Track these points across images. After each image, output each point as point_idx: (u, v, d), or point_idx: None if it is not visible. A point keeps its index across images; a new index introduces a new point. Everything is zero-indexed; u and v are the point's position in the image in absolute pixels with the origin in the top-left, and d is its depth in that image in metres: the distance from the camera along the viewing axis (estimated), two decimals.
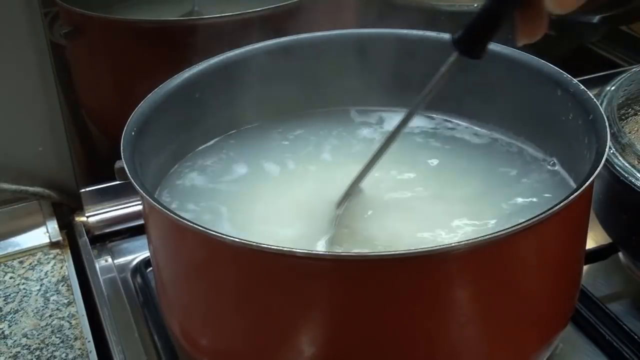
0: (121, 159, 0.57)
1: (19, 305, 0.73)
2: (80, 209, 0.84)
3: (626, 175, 0.66)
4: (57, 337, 0.69)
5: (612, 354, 0.66)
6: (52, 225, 0.82)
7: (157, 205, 0.53)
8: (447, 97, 0.73)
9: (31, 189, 0.83)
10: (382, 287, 0.50)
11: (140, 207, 0.71)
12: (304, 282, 0.51)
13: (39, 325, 0.71)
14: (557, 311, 0.59)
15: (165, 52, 0.83)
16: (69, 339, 0.69)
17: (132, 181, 0.55)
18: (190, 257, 0.56)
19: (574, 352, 0.67)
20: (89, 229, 0.83)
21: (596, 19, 1.01)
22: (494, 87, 0.69)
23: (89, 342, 0.68)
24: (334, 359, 0.53)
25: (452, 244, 0.48)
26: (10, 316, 0.72)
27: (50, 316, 0.72)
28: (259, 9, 0.83)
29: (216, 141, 0.72)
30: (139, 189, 0.54)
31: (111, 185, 0.84)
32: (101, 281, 0.76)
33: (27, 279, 0.76)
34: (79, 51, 0.90)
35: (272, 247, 0.48)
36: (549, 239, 0.54)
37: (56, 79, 0.80)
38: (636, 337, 0.66)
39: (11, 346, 0.69)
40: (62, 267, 0.78)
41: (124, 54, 0.87)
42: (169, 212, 0.52)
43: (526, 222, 0.49)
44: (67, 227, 0.83)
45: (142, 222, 0.64)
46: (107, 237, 0.83)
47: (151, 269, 0.74)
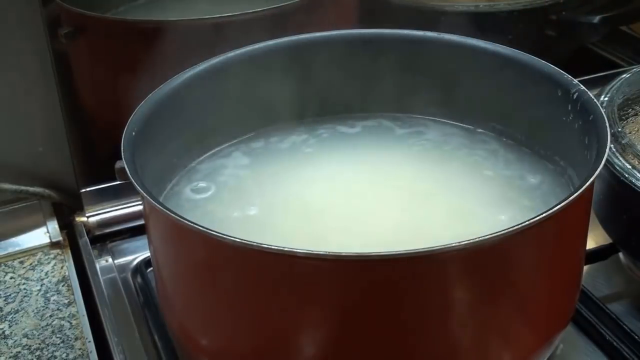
0: (121, 159, 0.57)
1: (20, 305, 0.73)
2: (80, 209, 0.84)
3: (626, 175, 0.66)
4: (57, 337, 0.69)
5: (613, 354, 0.66)
6: (53, 225, 0.82)
7: (157, 205, 0.53)
8: (447, 98, 0.73)
9: (31, 189, 0.83)
10: (382, 287, 0.50)
11: (140, 207, 0.71)
12: (304, 282, 0.51)
13: (40, 325, 0.71)
14: (557, 311, 0.59)
15: (165, 52, 0.83)
16: (70, 339, 0.69)
17: (133, 181, 0.55)
18: (190, 257, 0.56)
19: (574, 352, 0.67)
20: (89, 229, 0.83)
21: (596, 19, 1.01)
22: (494, 88, 0.69)
23: (90, 342, 0.68)
24: (333, 359, 0.54)
25: (452, 244, 0.48)
26: (10, 316, 0.72)
27: (50, 316, 0.72)
28: (259, 9, 0.83)
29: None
30: (140, 189, 0.54)
31: (111, 185, 0.84)
32: (101, 281, 0.76)
33: (27, 279, 0.76)
34: (79, 51, 0.90)
35: (272, 247, 0.48)
36: (549, 239, 0.54)
37: (56, 79, 0.80)
38: (636, 337, 0.66)
39: (12, 346, 0.69)
40: (62, 267, 0.78)
41: (124, 54, 0.87)
42: (169, 212, 0.52)
43: (526, 222, 0.49)
44: (68, 227, 0.83)
45: (142, 222, 0.64)
46: (107, 237, 0.83)
47: (151, 269, 0.74)
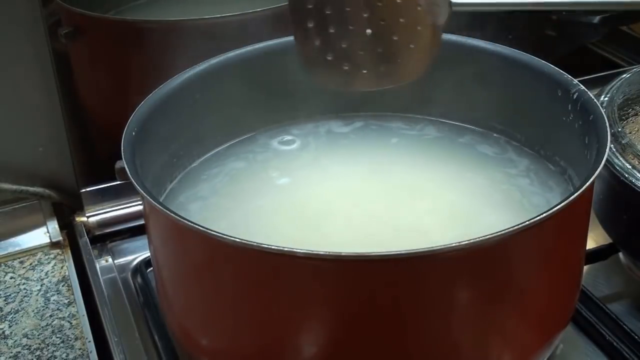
0: (121, 159, 0.57)
1: (20, 305, 0.73)
2: (80, 209, 0.84)
3: (626, 175, 0.66)
4: (57, 337, 0.69)
5: (613, 354, 0.66)
6: (53, 225, 0.82)
7: (157, 205, 0.53)
8: (446, 97, 0.73)
9: (31, 189, 0.83)
10: (382, 287, 0.50)
11: (140, 207, 0.71)
12: (304, 282, 0.51)
13: (40, 325, 0.71)
14: (557, 311, 0.59)
15: (165, 52, 0.83)
16: (70, 339, 0.69)
17: (133, 181, 0.55)
18: (190, 257, 0.56)
19: (574, 352, 0.67)
20: (89, 229, 0.83)
21: (596, 19, 1.01)
22: (494, 88, 0.69)
23: (90, 342, 0.68)
24: (334, 359, 0.54)
25: (452, 244, 0.48)
26: (10, 316, 0.72)
27: (50, 316, 0.72)
28: (259, 9, 0.83)
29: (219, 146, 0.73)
30: (140, 189, 0.54)
31: (111, 185, 0.84)
32: (101, 281, 0.76)
33: (27, 279, 0.76)
34: (79, 51, 0.90)
35: (272, 247, 0.48)
36: (549, 239, 0.54)
37: (56, 79, 0.80)
38: (636, 337, 0.66)
39: (12, 346, 0.69)
40: (62, 267, 0.78)
41: (124, 54, 0.87)
42: (169, 212, 0.52)
43: (526, 222, 0.49)
44: (68, 227, 0.83)
45: (142, 222, 0.64)
46: (107, 237, 0.83)
47: (151, 269, 0.74)
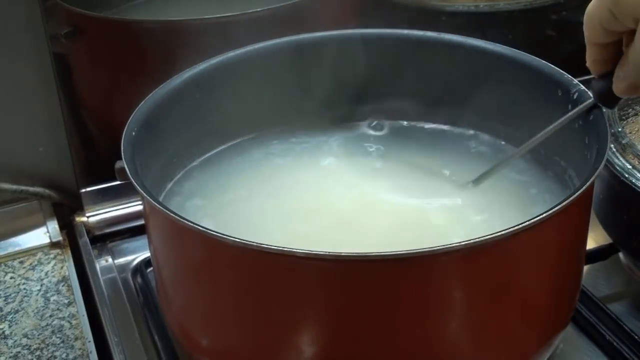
0: (121, 159, 0.57)
1: (20, 305, 0.73)
2: (80, 209, 0.84)
3: (626, 175, 0.66)
4: (57, 337, 0.69)
5: (613, 354, 0.66)
6: (53, 225, 0.82)
7: (157, 205, 0.53)
8: (446, 97, 0.73)
9: (31, 189, 0.83)
10: (382, 287, 0.50)
11: (140, 207, 0.71)
12: (304, 282, 0.51)
13: (40, 325, 0.71)
14: (557, 311, 0.59)
15: (165, 52, 0.83)
16: (70, 339, 0.69)
17: (133, 181, 0.55)
18: (190, 257, 0.56)
19: (574, 352, 0.67)
20: (89, 229, 0.83)
21: None
22: (494, 88, 0.69)
23: (90, 342, 0.68)
24: (334, 359, 0.54)
25: (452, 244, 0.48)
26: (10, 316, 0.72)
27: (50, 316, 0.72)
28: (259, 9, 0.83)
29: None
30: (140, 189, 0.54)
31: (111, 185, 0.84)
32: (101, 281, 0.76)
33: (27, 279, 0.76)
34: (79, 51, 0.90)
35: (272, 247, 0.48)
36: (549, 239, 0.54)
37: (56, 79, 0.80)
38: (636, 338, 0.66)
39: (11, 346, 0.69)
40: (62, 267, 0.78)
41: (124, 54, 0.87)
42: (169, 212, 0.52)
43: (526, 222, 0.49)
44: (68, 227, 0.83)
45: (142, 222, 0.64)
46: (107, 237, 0.83)
47: (151, 269, 0.74)
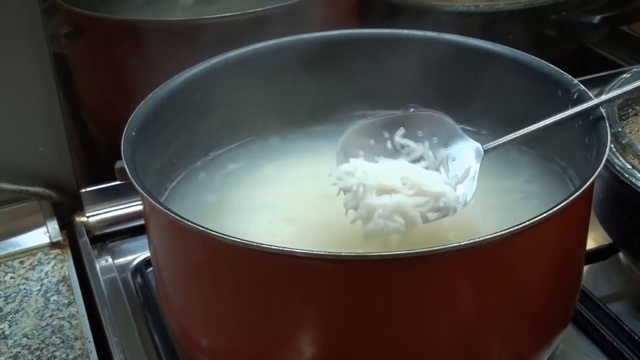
0: (121, 159, 0.57)
1: (20, 305, 0.73)
2: (80, 209, 0.84)
3: (626, 175, 0.66)
4: (57, 337, 0.69)
5: (613, 354, 0.66)
6: (53, 225, 0.82)
7: (157, 205, 0.53)
8: (446, 97, 0.73)
9: (31, 189, 0.83)
10: (382, 287, 0.50)
11: (140, 207, 0.71)
12: (304, 282, 0.51)
13: (40, 325, 0.71)
14: (557, 311, 0.59)
15: (165, 52, 0.83)
16: (70, 339, 0.69)
17: (133, 181, 0.55)
18: (190, 257, 0.56)
19: (574, 352, 0.67)
20: (89, 229, 0.83)
21: (596, 19, 1.02)
22: (494, 88, 0.69)
23: (90, 342, 0.68)
24: (333, 359, 0.54)
25: (452, 244, 0.48)
26: (10, 316, 0.72)
27: (50, 316, 0.72)
28: (259, 9, 0.83)
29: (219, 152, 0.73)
30: (140, 189, 0.54)
31: (111, 185, 0.84)
32: (101, 281, 0.76)
33: (27, 279, 0.76)
34: (79, 51, 0.90)
35: (272, 247, 0.48)
36: (549, 239, 0.54)
37: (56, 79, 0.80)
38: (636, 337, 0.66)
39: (11, 346, 0.69)
40: (62, 267, 0.78)
41: (124, 54, 0.87)
42: (169, 212, 0.52)
43: (526, 222, 0.49)
44: (68, 227, 0.83)
45: (142, 222, 0.64)
46: (107, 237, 0.83)
47: (151, 269, 0.74)
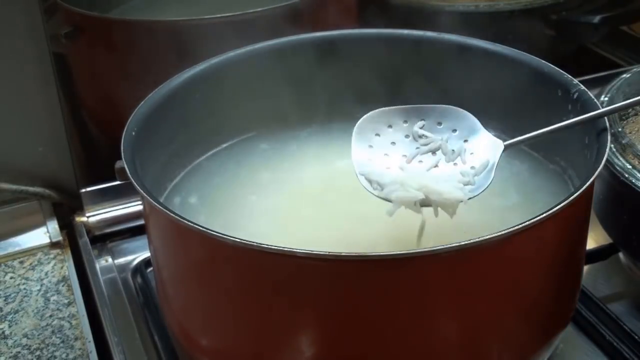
0: (121, 159, 0.57)
1: (20, 305, 0.73)
2: (80, 209, 0.84)
3: (626, 175, 0.66)
4: (57, 337, 0.69)
5: (613, 354, 0.66)
6: (53, 225, 0.82)
7: (157, 205, 0.53)
8: (446, 97, 0.73)
9: (31, 189, 0.83)
10: (382, 287, 0.50)
11: (140, 207, 0.71)
12: (304, 282, 0.51)
13: (39, 325, 0.71)
14: (557, 311, 0.59)
15: (165, 52, 0.83)
16: (70, 339, 0.69)
17: (133, 181, 0.55)
18: (190, 257, 0.56)
19: (574, 352, 0.67)
20: (89, 229, 0.83)
21: (596, 19, 1.02)
22: (494, 88, 0.69)
23: (89, 342, 0.68)
24: (333, 359, 0.54)
25: (453, 244, 0.48)
26: (10, 316, 0.72)
27: (50, 316, 0.72)
28: (259, 9, 0.83)
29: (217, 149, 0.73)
30: (140, 189, 0.54)
31: (111, 185, 0.84)
32: (101, 281, 0.76)
33: (27, 279, 0.76)
34: (79, 51, 0.90)
35: (272, 247, 0.48)
36: (549, 239, 0.54)
37: (56, 79, 0.80)
38: (636, 337, 0.66)
39: (11, 346, 0.69)
40: (62, 267, 0.78)
41: (124, 54, 0.87)
42: (169, 212, 0.52)
43: (526, 222, 0.49)
44: (68, 227, 0.83)
45: (142, 222, 0.64)
46: (107, 237, 0.83)
47: (151, 269, 0.74)
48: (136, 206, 0.83)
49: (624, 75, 0.77)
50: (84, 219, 0.83)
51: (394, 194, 0.57)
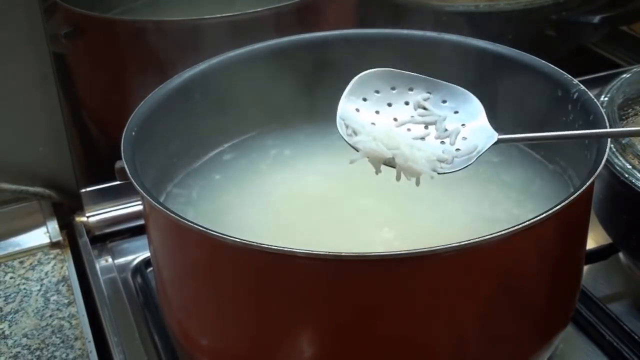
0: (121, 159, 0.57)
1: (20, 305, 0.73)
2: (80, 209, 0.84)
3: (626, 175, 0.66)
4: (57, 337, 0.69)
5: (612, 354, 0.66)
6: (53, 225, 0.82)
7: (157, 205, 0.53)
8: None
9: (31, 189, 0.83)
10: (382, 287, 0.50)
11: (140, 207, 0.71)
12: (304, 282, 0.51)
13: (40, 325, 0.71)
14: (557, 311, 0.59)
15: (165, 52, 0.83)
16: (70, 339, 0.69)
17: (133, 181, 0.55)
18: (190, 257, 0.56)
19: (574, 352, 0.67)
20: (89, 229, 0.83)
21: (596, 19, 1.02)
22: (494, 88, 0.69)
23: (89, 342, 0.68)
24: (333, 359, 0.54)
25: (453, 244, 0.48)
26: (10, 316, 0.72)
27: (50, 316, 0.72)
28: (259, 9, 0.83)
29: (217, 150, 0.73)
30: (140, 189, 0.54)
31: (111, 185, 0.84)
32: (101, 281, 0.76)
33: (27, 279, 0.76)
34: (79, 51, 0.90)
35: (272, 247, 0.48)
36: (549, 239, 0.54)
37: (56, 79, 0.80)
38: (636, 337, 0.66)
39: (11, 346, 0.69)
40: (62, 267, 0.78)
41: (124, 54, 0.87)
42: (169, 212, 0.52)
43: (526, 222, 0.49)
44: (68, 227, 0.83)
45: (142, 222, 0.64)
46: (107, 237, 0.83)
47: (151, 269, 0.74)
48: (136, 206, 0.83)
49: (624, 75, 0.77)
50: (84, 219, 0.83)
51: (362, 144, 0.56)
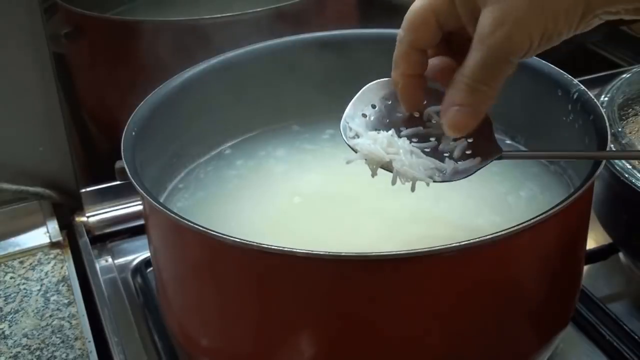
0: (121, 159, 0.57)
1: (20, 305, 0.73)
2: (80, 209, 0.84)
3: (626, 175, 0.66)
4: (57, 337, 0.69)
5: (613, 354, 0.66)
6: (53, 225, 0.82)
7: (157, 205, 0.53)
8: None
9: (31, 189, 0.83)
10: (382, 287, 0.50)
11: (140, 207, 0.71)
12: (304, 282, 0.51)
13: (40, 325, 0.71)
14: (557, 311, 0.59)
15: (165, 52, 0.83)
16: (70, 339, 0.69)
17: (133, 181, 0.55)
18: (190, 257, 0.56)
19: (574, 352, 0.67)
20: (89, 229, 0.83)
21: None
22: None
23: (89, 342, 0.68)
24: (334, 359, 0.54)
25: (452, 244, 0.48)
26: (10, 316, 0.72)
27: (50, 316, 0.72)
28: (259, 9, 0.83)
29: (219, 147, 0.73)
30: (140, 189, 0.54)
31: (111, 185, 0.84)
32: (101, 281, 0.76)
33: (27, 279, 0.76)
34: (79, 51, 0.90)
35: (272, 247, 0.48)
36: (549, 239, 0.54)
37: (56, 79, 0.80)
38: (636, 338, 0.66)
39: (11, 346, 0.69)
40: (62, 267, 0.78)
41: (124, 54, 0.87)
42: (169, 212, 0.52)
43: (526, 222, 0.49)
44: (68, 227, 0.83)
45: (142, 222, 0.64)
46: (107, 237, 0.83)
47: (151, 269, 0.74)
48: (136, 206, 0.83)
49: (624, 75, 0.77)
50: (84, 219, 0.83)
51: (361, 146, 0.55)
